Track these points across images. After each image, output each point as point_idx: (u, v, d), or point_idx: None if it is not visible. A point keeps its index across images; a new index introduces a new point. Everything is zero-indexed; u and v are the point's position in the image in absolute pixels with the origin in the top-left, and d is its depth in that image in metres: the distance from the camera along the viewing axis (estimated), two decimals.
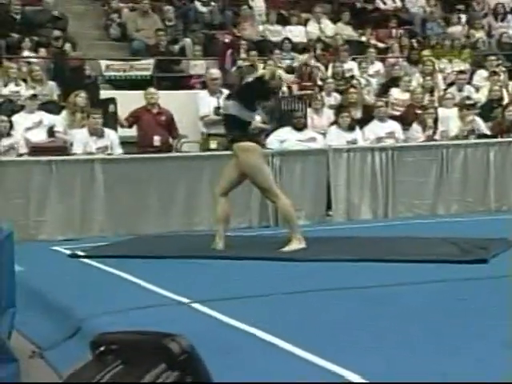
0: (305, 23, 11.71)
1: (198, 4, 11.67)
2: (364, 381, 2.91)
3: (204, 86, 9.41)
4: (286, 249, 5.89)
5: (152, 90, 8.62)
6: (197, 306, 4.22)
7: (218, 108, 8.46)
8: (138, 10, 11.03)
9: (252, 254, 5.87)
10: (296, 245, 5.91)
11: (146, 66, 10.15)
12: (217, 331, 3.73)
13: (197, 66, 10.59)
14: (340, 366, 3.05)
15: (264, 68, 9.83)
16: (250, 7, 11.68)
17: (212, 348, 2.81)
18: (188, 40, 10.81)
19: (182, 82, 10.38)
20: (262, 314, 4.02)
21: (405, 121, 9.19)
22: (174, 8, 11.36)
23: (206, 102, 8.56)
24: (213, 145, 8.38)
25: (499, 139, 8.77)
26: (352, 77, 10.25)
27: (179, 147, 8.80)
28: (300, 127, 8.54)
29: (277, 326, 3.70)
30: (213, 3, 11.78)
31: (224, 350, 3.33)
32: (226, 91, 8.74)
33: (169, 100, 8.91)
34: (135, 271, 5.19)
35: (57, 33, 10.23)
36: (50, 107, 8.76)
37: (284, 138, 8.43)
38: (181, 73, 10.57)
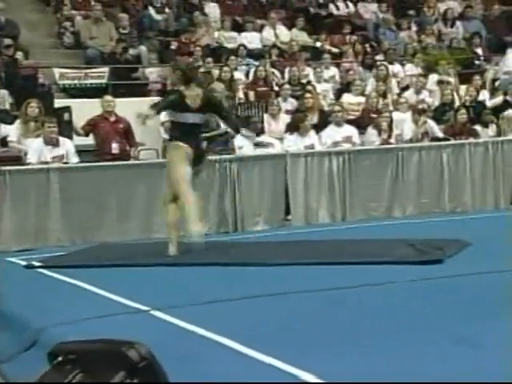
0: (260, 29, 11.76)
1: (152, 11, 11.62)
2: None
3: (162, 92, 9.38)
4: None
5: (108, 97, 8.55)
6: (156, 313, 4.20)
7: None
8: (92, 18, 10.92)
9: (210, 259, 5.87)
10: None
11: (100, 74, 10.06)
12: (177, 338, 3.72)
13: (153, 74, 10.54)
14: (304, 370, 3.06)
15: (220, 76, 9.88)
16: (205, 14, 11.68)
17: (172, 355, 2.80)
18: (143, 47, 10.76)
19: (139, 90, 10.32)
20: (222, 320, 4.02)
21: (360, 125, 9.31)
22: (129, 15, 11.28)
23: None
24: None
25: (452, 141, 8.95)
26: (308, 82, 10.34)
27: (136, 155, 8.75)
28: (257, 133, 8.58)
29: (237, 332, 3.71)
30: (167, 10, 11.75)
31: (184, 356, 3.32)
32: None
33: (126, 108, 8.83)
34: (93, 280, 5.14)
35: (8, 41, 10.06)
36: (3, 116, 8.61)
37: (242, 144, 8.46)
38: (137, 80, 10.50)
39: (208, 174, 7.73)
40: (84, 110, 8.56)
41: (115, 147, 8.18)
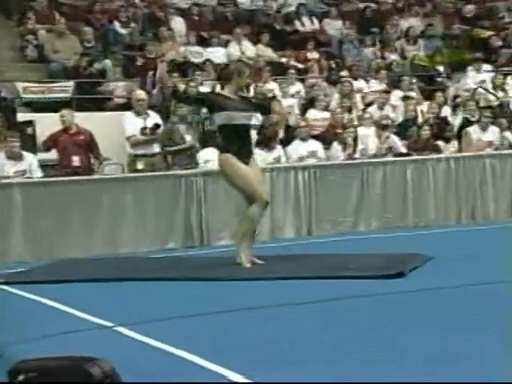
0: (225, 44, 11.81)
1: (117, 25, 11.59)
2: None
3: (127, 107, 9.34)
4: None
5: (65, 111, 8.41)
6: (120, 329, 4.16)
7: (144, 128, 8.41)
8: (55, 32, 10.85)
9: (176, 274, 5.84)
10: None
11: (65, 88, 9.99)
12: (141, 354, 3.68)
13: (118, 88, 10.49)
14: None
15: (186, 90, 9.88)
16: (170, 29, 11.70)
17: (135, 370, 2.78)
18: (108, 61, 10.71)
19: (105, 104, 10.26)
20: (187, 336, 4.00)
21: (325, 140, 9.40)
22: (93, 29, 11.24)
23: (132, 123, 8.50)
24: (140, 165, 8.31)
25: (416, 157, 9.07)
26: (274, 97, 10.39)
27: (101, 169, 8.67)
28: None
29: (203, 347, 3.69)
30: (133, 24, 11.73)
31: (149, 373, 3.29)
32: (151, 112, 8.73)
33: (91, 122, 8.78)
34: (56, 296, 5.07)
35: None
36: None
37: (208, 158, 8.46)
38: (102, 94, 10.44)
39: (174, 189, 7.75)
40: (48, 125, 8.48)
41: (75, 160, 8.07)
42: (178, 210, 7.71)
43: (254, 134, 6.30)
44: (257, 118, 6.09)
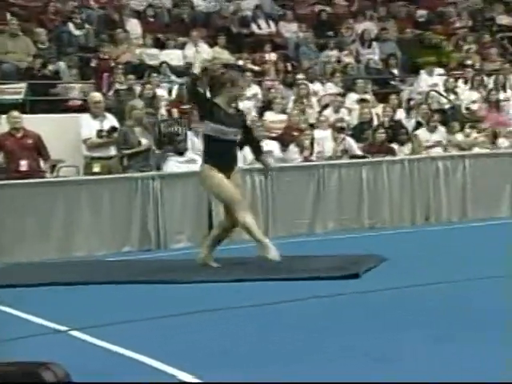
0: (181, 47, 11.78)
1: (71, 27, 11.45)
2: None
3: (82, 109, 9.23)
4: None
5: (14, 113, 8.22)
6: (75, 333, 4.12)
7: (100, 131, 8.33)
8: (7, 33, 10.67)
9: (131, 278, 5.80)
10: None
11: (17, 90, 9.82)
12: (96, 358, 3.65)
13: (73, 90, 10.35)
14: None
15: (142, 93, 9.82)
16: (126, 31, 11.61)
17: (91, 375, 2.75)
18: (62, 63, 10.57)
19: (61, 106, 10.11)
20: (142, 339, 3.98)
21: (282, 142, 9.45)
22: (47, 30, 11.08)
23: (88, 125, 8.40)
24: (96, 168, 8.23)
25: (371, 159, 9.20)
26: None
27: (56, 172, 8.54)
28: (181, 151, 8.59)
29: (160, 351, 3.67)
30: (87, 26, 11.60)
31: (104, 376, 3.26)
32: (108, 115, 8.64)
33: (46, 124, 8.65)
34: (9, 301, 4.98)
35: None
36: None
37: (164, 162, 8.44)
38: (56, 96, 10.29)
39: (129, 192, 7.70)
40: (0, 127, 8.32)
41: (23, 164, 7.90)
42: (134, 213, 7.66)
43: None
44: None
